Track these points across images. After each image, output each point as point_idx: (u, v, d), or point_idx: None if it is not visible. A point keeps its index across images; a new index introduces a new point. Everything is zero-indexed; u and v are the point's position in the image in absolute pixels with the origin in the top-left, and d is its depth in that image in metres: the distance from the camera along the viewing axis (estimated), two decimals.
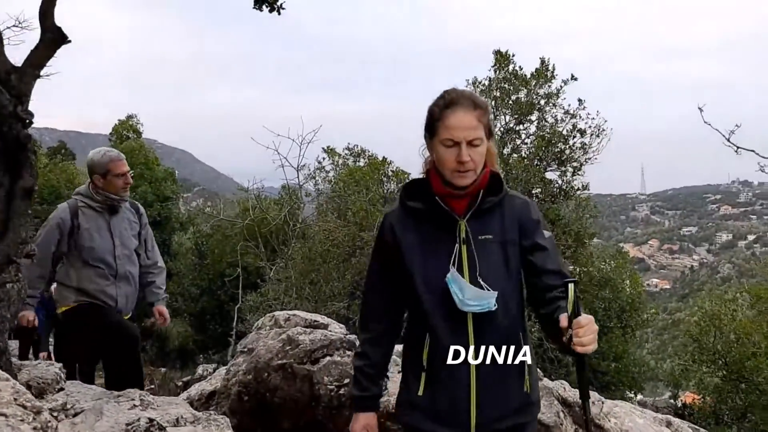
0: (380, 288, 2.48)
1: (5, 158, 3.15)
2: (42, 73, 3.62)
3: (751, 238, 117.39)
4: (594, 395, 5.01)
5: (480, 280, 2.25)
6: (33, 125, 3.36)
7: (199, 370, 13.73)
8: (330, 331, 5.76)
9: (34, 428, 2.20)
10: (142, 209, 5.24)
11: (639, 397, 17.51)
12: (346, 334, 5.75)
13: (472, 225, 2.30)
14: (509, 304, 2.32)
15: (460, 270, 2.27)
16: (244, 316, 13.93)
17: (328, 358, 5.32)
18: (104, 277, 4.73)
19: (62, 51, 4.10)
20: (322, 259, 14.13)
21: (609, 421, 4.81)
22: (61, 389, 3.50)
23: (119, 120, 25.19)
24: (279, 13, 5.94)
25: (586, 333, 1.98)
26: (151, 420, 2.84)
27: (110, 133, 25.40)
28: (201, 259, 22.87)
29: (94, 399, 3.15)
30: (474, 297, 2.22)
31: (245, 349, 5.79)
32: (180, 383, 12.48)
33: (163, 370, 16.54)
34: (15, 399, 2.24)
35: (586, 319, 2.00)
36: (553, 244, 2.41)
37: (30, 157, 3.22)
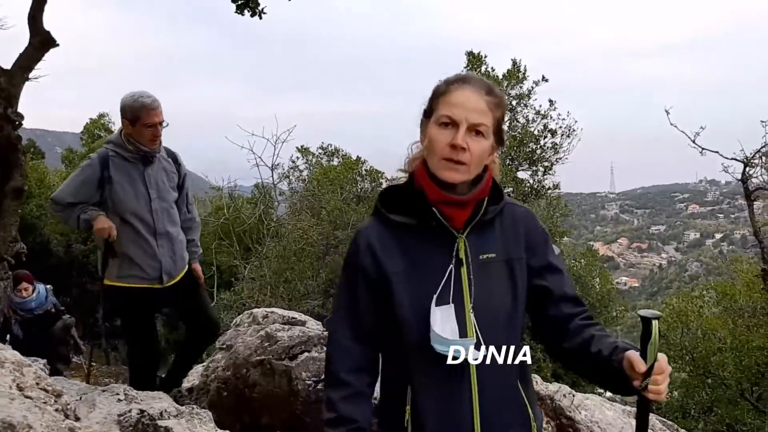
0: (357, 326, 1.89)
1: None
2: (31, 75, 3.68)
3: (718, 236, 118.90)
4: (565, 388, 5.15)
5: (472, 315, 1.81)
6: None
7: None
8: (307, 327, 5.85)
9: (57, 410, 2.29)
10: (180, 158, 4.69)
11: (608, 393, 17.74)
12: (323, 331, 5.83)
13: (472, 241, 1.85)
14: (514, 342, 1.92)
15: (458, 299, 1.81)
16: (218, 314, 13.93)
17: (306, 354, 5.40)
18: (141, 236, 4.28)
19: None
20: (296, 258, 14.18)
21: (580, 413, 4.94)
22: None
23: (91, 119, 24.96)
24: (260, 18, 6.04)
25: (665, 379, 1.66)
26: (141, 411, 2.92)
27: (82, 132, 25.19)
28: None
29: (80, 393, 3.22)
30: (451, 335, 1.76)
31: (224, 346, 5.86)
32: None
33: None
34: (37, 383, 2.33)
35: (666, 364, 1.67)
36: (563, 263, 2.00)
37: (20, 158, 3.27)
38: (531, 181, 15.20)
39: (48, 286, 8.45)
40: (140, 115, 4.09)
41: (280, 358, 5.32)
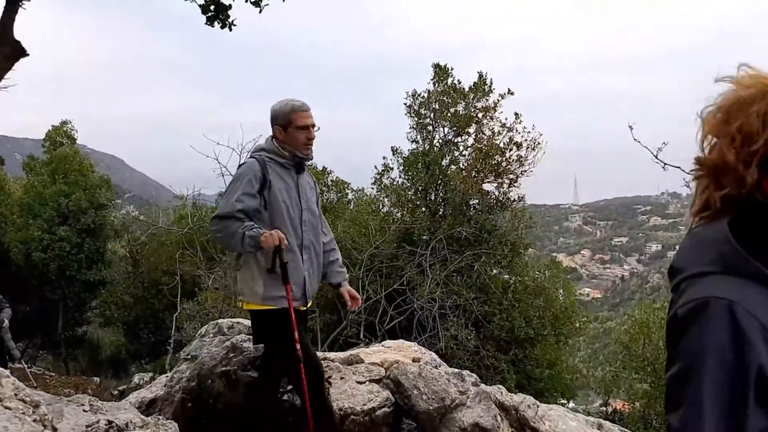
0: None
1: None
2: (1, 85, 3.63)
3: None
4: (529, 399, 5.20)
5: None
6: None
7: (135, 378, 13.55)
8: None
9: (35, 420, 2.27)
10: (313, 176, 4.46)
11: (571, 404, 17.88)
12: None
13: None
14: None
15: None
16: (181, 324, 13.81)
17: None
18: (290, 249, 3.97)
19: None
20: None
21: (544, 423, 4.99)
22: None
23: (53, 126, 24.63)
24: (230, 30, 6.04)
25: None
26: (110, 422, 2.89)
27: (44, 139, 24.85)
28: (135, 267, 22.56)
29: (47, 403, 3.17)
30: None
31: (188, 357, 5.82)
32: (116, 392, 12.31)
33: (96, 379, 16.24)
34: (15, 394, 2.30)
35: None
36: None
37: None
38: (497, 194, 15.32)
39: None
40: (292, 118, 3.98)
41: (245, 369, 5.29)
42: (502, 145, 15.19)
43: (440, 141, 15.52)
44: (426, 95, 15.88)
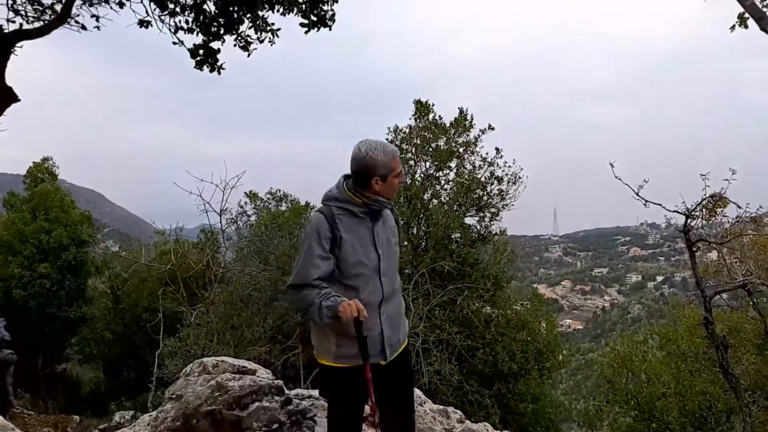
0: None
1: None
2: None
3: (659, 279, 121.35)
4: None
5: None
6: None
7: (116, 416, 13.42)
8: (258, 376, 5.84)
9: None
10: (394, 209, 4.15)
11: None
12: (274, 380, 5.83)
13: None
14: None
15: None
16: (162, 361, 13.70)
17: (257, 403, 5.39)
18: (367, 303, 3.71)
19: None
20: (243, 304, 14.07)
21: None
22: None
23: (34, 162, 24.63)
24: (219, 73, 6.14)
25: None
26: None
27: (24, 176, 24.80)
28: (116, 303, 22.40)
29: None
30: None
31: (173, 396, 5.80)
32: (96, 431, 12.17)
33: (76, 417, 16.03)
34: None
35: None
36: None
37: None
38: (478, 227, 15.40)
39: (0, 316, 7.55)
40: (394, 167, 3.77)
41: (230, 408, 5.29)
42: (483, 179, 15.31)
43: (422, 175, 15.63)
44: (407, 130, 16.03)
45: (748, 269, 12.71)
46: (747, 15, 7.90)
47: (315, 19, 6.38)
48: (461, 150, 15.60)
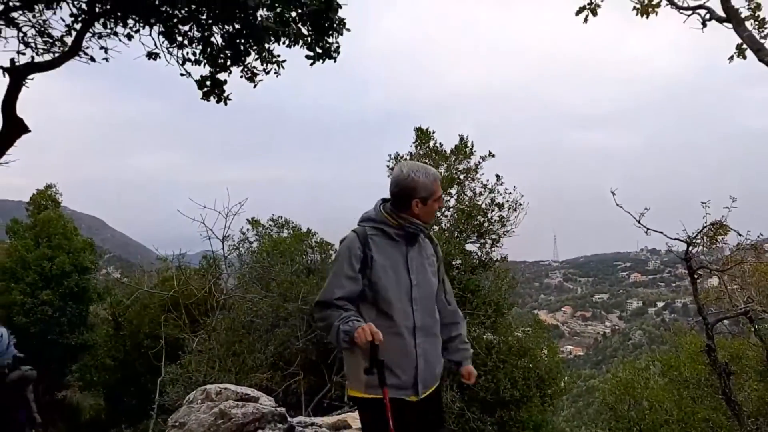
0: None
1: None
2: (2, 160, 3.76)
3: (660, 305, 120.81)
4: None
5: None
6: None
7: None
8: (261, 404, 5.86)
9: None
10: (433, 239, 3.96)
11: None
12: (276, 407, 5.86)
13: None
14: None
15: None
16: (164, 388, 13.68)
17: (260, 431, 5.42)
18: (398, 333, 3.55)
19: None
20: (245, 330, 14.08)
21: None
22: None
23: (37, 190, 24.78)
24: (225, 104, 6.25)
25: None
26: None
27: (28, 203, 24.93)
28: (117, 330, 22.40)
29: None
30: None
31: (176, 423, 5.82)
32: None
33: None
34: None
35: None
36: None
37: None
38: (479, 254, 15.45)
39: (11, 334, 6.39)
40: (435, 190, 3.68)
41: None
42: (483, 205, 15.39)
43: None
44: (408, 158, 16.13)
45: (750, 296, 12.74)
46: (745, 46, 8.01)
47: (320, 51, 6.50)
48: (462, 177, 15.70)
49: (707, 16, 7.41)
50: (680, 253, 10.76)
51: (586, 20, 6.57)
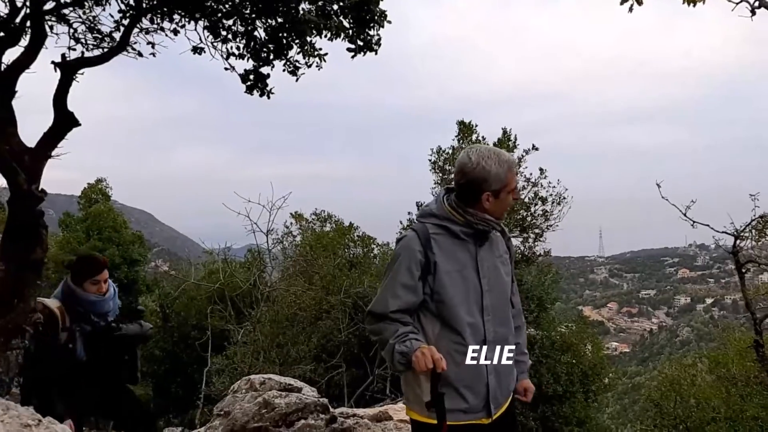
0: None
1: (20, 233, 3.37)
2: (53, 153, 3.89)
3: (709, 301, 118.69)
4: None
5: None
6: None
7: None
8: (304, 394, 5.92)
9: None
10: (506, 231, 3.35)
11: None
12: (319, 398, 5.91)
13: None
14: None
15: None
16: (210, 379, 13.90)
17: (302, 421, 5.47)
18: (468, 348, 3.00)
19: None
20: (289, 323, 14.24)
21: None
22: None
23: (88, 184, 25.36)
24: (269, 98, 6.33)
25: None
26: None
27: (79, 196, 25.50)
28: (165, 321, 22.76)
29: None
30: None
31: (221, 412, 5.91)
32: None
33: None
34: None
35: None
36: None
37: (41, 232, 3.44)
38: (522, 248, 15.40)
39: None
40: (509, 181, 3.06)
41: (277, 425, 5.38)
42: (527, 200, 15.33)
43: None
44: (450, 151, 16.12)
45: None
46: None
47: (361, 43, 6.53)
48: None
49: (756, 3, 7.24)
50: (728, 247, 10.58)
51: (630, 9, 6.47)
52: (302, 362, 13.49)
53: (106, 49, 6.41)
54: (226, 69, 6.76)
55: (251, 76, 6.77)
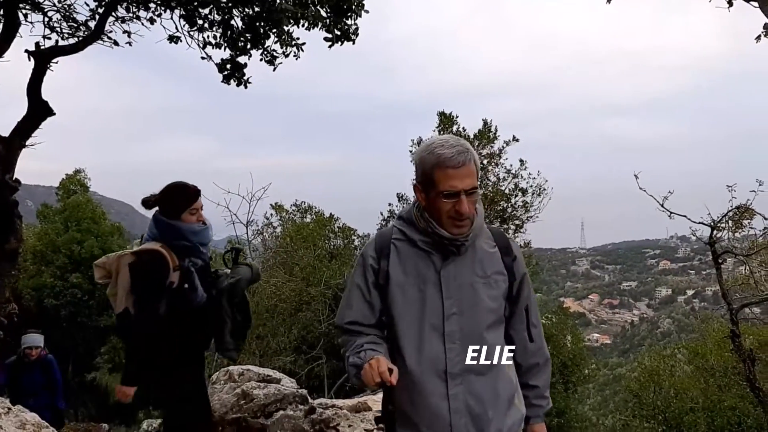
0: None
1: None
2: (27, 143, 3.84)
3: (690, 293, 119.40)
4: None
5: None
6: None
7: (144, 425, 13.53)
8: (282, 385, 5.92)
9: None
10: (514, 244, 2.71)
11: None
12: (298, 389, 5.91)
13: None
14: None
15: None
16: None
17: (281, 412, 5.47)
18: (424, 378, 2.47)
19: None
20: (269, 314, 14.20)
21: None
22: None
23: (67, 175, 25.13)
24: (246, 87, 6.29)
25: None
26: None
27: (58, 187, 25.28)
28: None
29: None
30: None
31: None
32: None
33: (105, 425, 16.22)
34: None
35: None
36: None
37: (16, 222, 3.39)
38: None
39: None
40: (436, 177, 2.40)
41: (255, 416, 5.38)
42: (507, 191, 15.35)
43: None
44: None
45: None
46: None
47: (339, 33, 6.51)
48: (485, 162, 15.65)
49: None
50: (705, 238, 10.64)
51: (609, 0, 6.46)
52: (282, 354, 13.48)
53: (81, 38, 6.34)
54: (202, 58, 6.73)
55: (228, 66, 6.73)
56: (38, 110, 4.18)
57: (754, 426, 14.60)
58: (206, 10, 6.41)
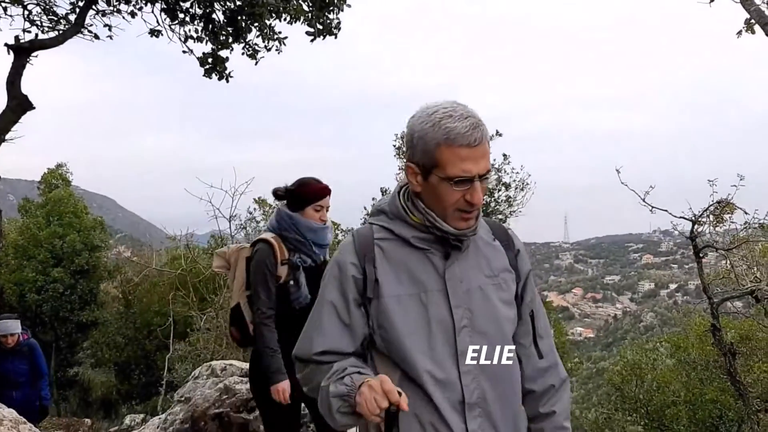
0: None
1: None
2: (7, 137, 3.81)
3: (672, 286, 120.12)
4: None
5: None
6: None
7: (127, 420, 13.53)
8: None
9: None
10: (516, 239, 2.20)
11: None
12: None
13: None
14: None
15: None
16: (172, 365, 13.83)
17: None
18: (435, 407, 1.88)
19: None
20: None
21: None
22: None
23: (48, 169, 25.01)
24: (227, 81, 6.27)
25: None
26: None
27: (39, 182, 25.16)
28: (127, 307, 22.62)
29: None
30: None
31: (182, 398, 5.90)
32: None
33: (87, 420, 16.17)
34: None
35: None
36: None
37: None
38: None
39: None
40: (440, 157, 1.85)
41: (237, 411, 5.38)
42: (490, 185, 15.38)
43: None
44: None
45: (756, 276, 12.68)
46: (753, 21, 7.92)
47: (321, 27, 6.49)
48: None
49: None
50: (685, 232, 10.74)
51: None
52: None
53: (61, 32, 6.29)
54: (184, 52, 6.69)
55: (210, 60, 6.70)
56: (18, 104, 4.15)
57: (734, 419, 14.76)
58: (187, 4, 6.38)
